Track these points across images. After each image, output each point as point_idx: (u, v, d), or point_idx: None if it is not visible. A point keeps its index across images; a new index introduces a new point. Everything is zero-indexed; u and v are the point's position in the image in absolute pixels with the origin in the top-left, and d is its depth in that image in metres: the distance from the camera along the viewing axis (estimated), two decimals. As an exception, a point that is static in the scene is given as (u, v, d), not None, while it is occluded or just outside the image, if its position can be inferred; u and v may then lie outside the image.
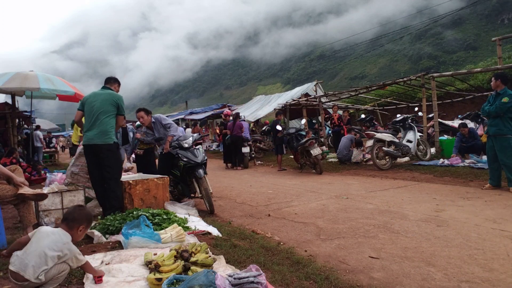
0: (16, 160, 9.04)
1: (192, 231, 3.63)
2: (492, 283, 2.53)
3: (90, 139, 4.27)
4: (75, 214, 2.44)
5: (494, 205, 4.74)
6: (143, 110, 5.87)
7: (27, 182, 3.35)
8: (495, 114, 5.53)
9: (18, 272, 2.12)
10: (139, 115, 5.81)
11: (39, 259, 2.15)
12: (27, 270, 2.11)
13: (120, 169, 4.53)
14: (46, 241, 2.23)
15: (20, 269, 2.12)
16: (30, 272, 2.12)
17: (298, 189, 6.78)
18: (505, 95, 5.47)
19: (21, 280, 2.13)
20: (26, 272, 2.11)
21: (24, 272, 2.11)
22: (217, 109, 22.36)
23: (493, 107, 5.56)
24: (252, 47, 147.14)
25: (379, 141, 8.60)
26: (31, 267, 2.13)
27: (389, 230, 3.86)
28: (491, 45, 51.13)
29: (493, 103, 5.66)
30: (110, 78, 4.71)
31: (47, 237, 2.26)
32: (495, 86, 5.66)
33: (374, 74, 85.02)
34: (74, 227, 2.40)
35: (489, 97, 5.85)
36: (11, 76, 7.81)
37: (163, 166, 5.62)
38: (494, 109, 5.53)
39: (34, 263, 2.14)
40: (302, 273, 2.74)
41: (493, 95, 5.78)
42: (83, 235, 2.52)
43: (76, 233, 2.41)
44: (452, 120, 12.35)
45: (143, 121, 5.85)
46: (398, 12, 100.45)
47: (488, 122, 5.81)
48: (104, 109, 4.30)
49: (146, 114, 5.83)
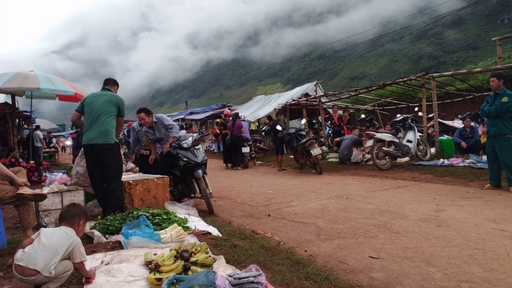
0: (15, 159, 9.04)
1: (192, 231, 3.63)
2: (492, 283, 2.53)
3: (90, 139, 4.27)
4: (73, 211, 2.49)
5: (494, 205, 4.74)
6: (144, 110, 5.75)
7: (29, 183, 3.34)
8: (495, 114, 5.54)
9: (27, 266, 2.13)
10: (140, 116, 5.70)
11: (50, 253, 2.19)
12: (38, 263, 2.13)
13: (121, 169, 4.53)
14: (55, 237, 2.28)
15: (29, 262, 2.14)
16: (41, 264, 2.14)
17: (298, 189, 6.77)
18: (505, 95, 5.49)
19: (28, 275, 2.13)
20: (37, 264, 2.13)
21: (34, 265, 2.13)
22: (217, 109, 22.36)
23: (493, 107, 5.56)
24: (252, 47, 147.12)
25: (379, 141, 8.60)
26: (42, 259, 2.15)
27: (389, 230, 3.86)
28: (491, 45, 51.13)
29: (492, 103, 5.66)
30: (109, 80, 4.71)
31: (55, 234, 2.31)
32: (496, 86, 5.64)
33: (374, 74, 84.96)
34: (75, 222, 2.45)
35: (487, 98, 5.86)
36: (11, 76, 7.80)
37: (163, 166, 5.60)
38: (494, 109, 5.53)
39: (45, 256, 2.17)
40: (302, 273, 2.74)
41: (491, 95, 5.78)
42: (83, 229, 2.57)
43: (78, 228, 2.46)
44: (452, 120, 12.36)
45: (144, 122, 5.73)
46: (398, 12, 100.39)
47: (488, 122, 5.80)
48: (105, 110, 4.31)
49: (147, 115, 5.71)
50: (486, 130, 5.85)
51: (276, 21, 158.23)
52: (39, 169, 9.26)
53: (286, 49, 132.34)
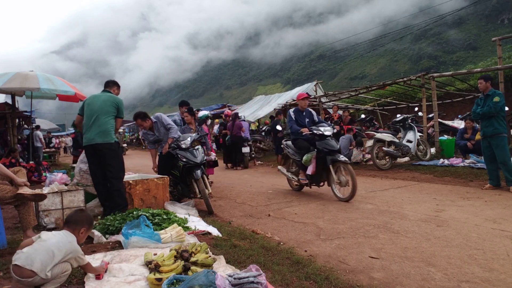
0: (16, 160, 9.04)
1: (192, 231, 3.63)
2: (492, 283, 2.53)
3: (90, 140, 4.28)
4: (76, 217, 2.53)
5: (494, 205, 4.74)
6: (139, 116, 5.63)
7: (29, 183, 3.34)
8: (490, 114, 5.61)
9: (24, 266, 2.13)
10: (137, 122, 5.73)
11: (47, 255, 2.20)
12: (35, 264, 2.14)
13: (122, 167, 4.50)
14: (53, 240, 2.30)
15: (26, 263, 2.14)
16: (38, 266, 2.15)
17: (298, 189, 6.77)
18: (495, 95, 5.61)
19: (26, 276, 2.14)
20: (34, 265, 2.14)
21: (31, 266, 2.13)
22: (217, 109, 22.33)
23: (486, 108, 5.64)
24: (252, 48, 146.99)
25: (379, 141, 8.60)
26: (39, 261, 2.16)
27: (389, 230, 3.86)
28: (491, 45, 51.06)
29: (483, 105, 5.74)
30: (109, 82, 4.75)
31: (54, 237, 2.33)
32: (484, 88, 5.75)
33: (374, 74, 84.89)
34: (76, 229, 2.47)
35: (477, 101, 5.96)
36: (11, 76, 7.79)
37: (163, 166, 5.61)
38: (488, 109, 5.61)
39: (42, 257, 2.18)
40: (302, 273, 2.74)
41: (481, 97, 5.87)
42: (84, 237, 2.58)
43: (78, 235, 2.47)
44: (452, 120, 12.35)
45: (143, 127, 5.75)
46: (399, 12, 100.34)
47: (482, 124, 5.87)
48: (104, 110, 4.32)
49: (143, 120, 5.61)
50: (481, 132, 5.90)
51: (276, 22, 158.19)
52: (39, 169, 9.25)
53: (286, 49, 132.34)
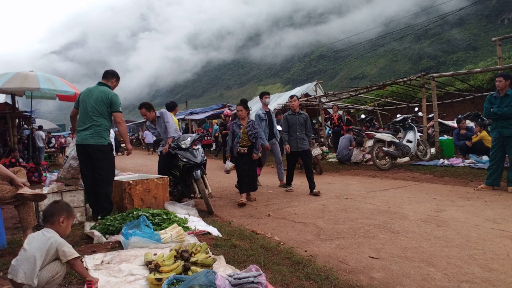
0: (16, 160, 9.04)
1: (192, 231, 3.63)
2: (492, 283, 2.53)
3: (83, 139, 4.19)
4: (52, 209, 2.41)
5: (494, 205, 4.74)
6: (144, 106, 5.79)
7: (28, 183, 3.34)
8: (510, 115, 5.35)
9: (13, 279, 2.15)
10: (141, 112, 5.83)
11: (28, 263, 2.15)
12: (18, 275, 2.13)
13: (113, 171, 4.42)
14: (34, 243, 2.23)
15: (13, 276, 2.15)
16: (22, 276, 2.13)
17: (298, 189, 6.77)
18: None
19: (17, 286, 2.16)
20: (18, 276, 2.13)
21: (16, 277, 2.13)
22: (217, 109, 22.32)
23: (507, 108, 5.35)
24: (253, 48, 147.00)
25: (379, 141, 8.60)
26: (22, 271, 2.14)
27: (389, 230, 3.85)
28: (491, 45, 51.12)
29: (500, 104, 5.46)
30: (108, 72, 4.53)
31: (34, 240, 2.25)
32: (503, 86, 5.46)
33: (374, 74, 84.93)
34: (55, 221, 2.36)
35: (490, 99, 5.65)
36: (11, 76, 7.80)
37: (163, 166, 5.61)
38: (509, 110, 5.33)
39: (24, 267, 2.14)
40: (302, 273, 2.74)
41: (494, 95, 5.60)
42: (68, 227, 2.45)
43: (59, 226, 2.36)
44: (452, 120, 12.35)
45: (146, 118, 5.86)
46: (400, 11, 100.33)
47: (498, 124, 5.53)
48: (98, 110, 4.23)
49: (148, 110, 5.76)
50: (495, 132, 5.58)
51: (277, 22, 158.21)
52: (38, 169, 9.25)
53: (286, 49, 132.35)
